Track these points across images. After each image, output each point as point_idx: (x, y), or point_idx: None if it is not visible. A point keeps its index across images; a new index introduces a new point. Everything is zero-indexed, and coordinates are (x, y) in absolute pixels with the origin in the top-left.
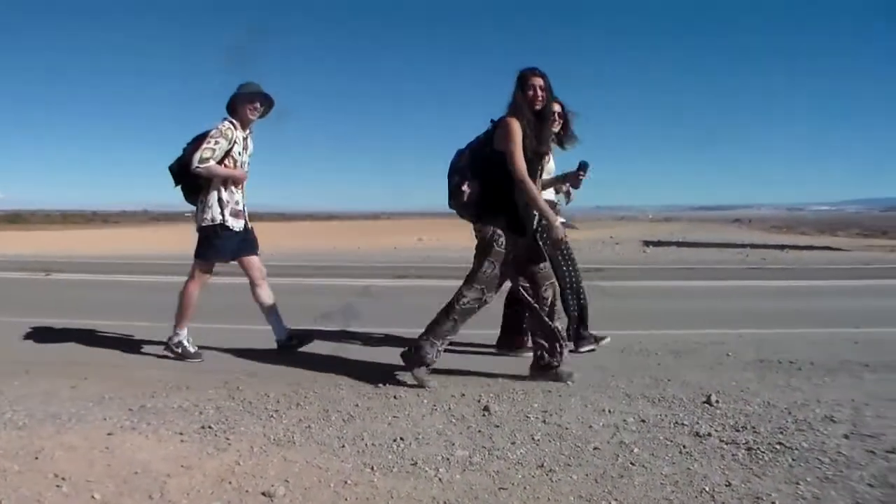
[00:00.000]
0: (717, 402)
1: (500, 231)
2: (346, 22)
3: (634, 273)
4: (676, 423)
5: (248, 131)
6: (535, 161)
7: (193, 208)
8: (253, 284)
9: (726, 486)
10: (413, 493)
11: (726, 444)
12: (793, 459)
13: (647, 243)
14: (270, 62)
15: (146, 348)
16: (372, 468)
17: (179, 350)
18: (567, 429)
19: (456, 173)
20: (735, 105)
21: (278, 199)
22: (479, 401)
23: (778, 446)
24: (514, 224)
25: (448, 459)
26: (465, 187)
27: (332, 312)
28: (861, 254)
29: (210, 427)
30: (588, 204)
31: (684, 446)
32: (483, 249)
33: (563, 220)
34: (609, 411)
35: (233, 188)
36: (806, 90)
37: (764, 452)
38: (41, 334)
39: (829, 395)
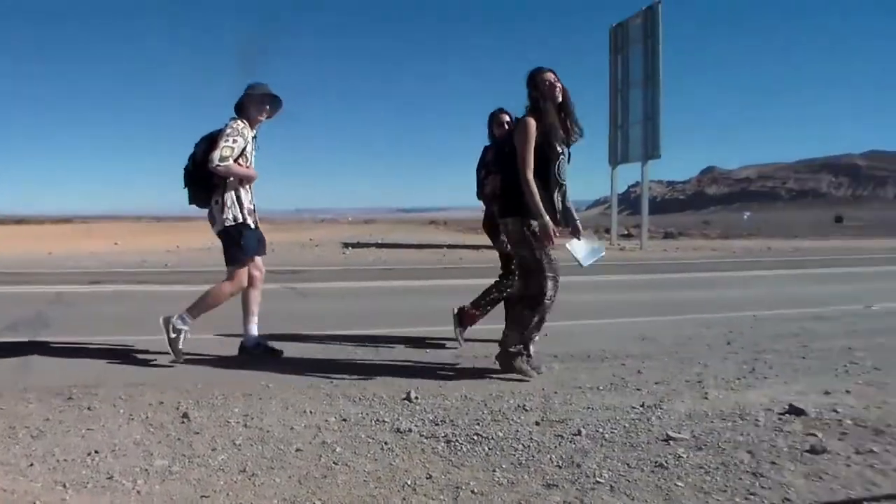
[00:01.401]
0: (416, 398)
1: (530, 222)
2: None
3: (333, 274)
4: (378, 420)
5: (255, 130)
6: (555, 153)
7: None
8: (250, 285)
9: (427, 478)
10: None
11: (426, 437)
12: (489, 448)
13: (346, 245)
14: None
15: None
16: (64, 485)
17: (174, 335)
18: (269, 432)
19: (483, 167)
20: (422, 109)
21: None
22: (177, 408)
23: (475, 437)
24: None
25: (147, 470)
26: (487, 180)
27: (19, 322)
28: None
29: None
30: (288, 207)
31: (386, 443)
32: (522, 243)
33: None
34: (310, 412)
35: (247, 186)
36: (485, 93)
37: (462, 444)
38: None
39: (521, 386)
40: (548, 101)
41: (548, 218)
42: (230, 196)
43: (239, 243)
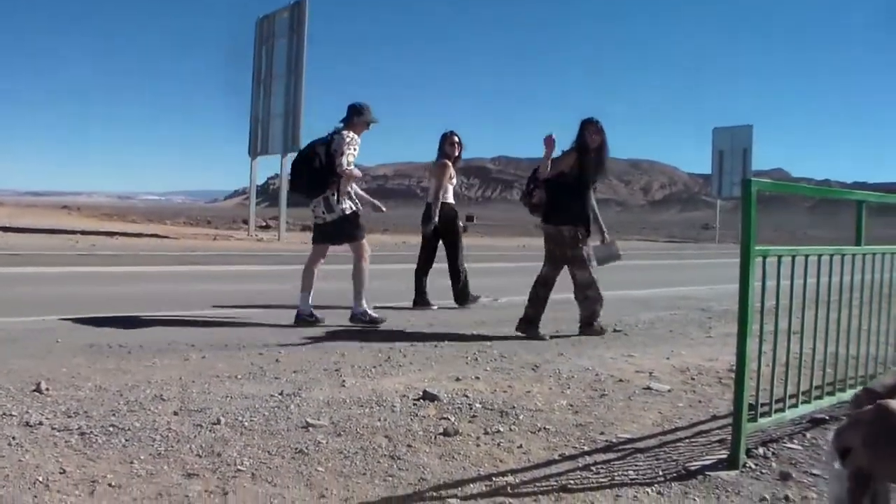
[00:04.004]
0: (47, 389)
1: (579, 228)
2: None
3: None
4: (4, 414)
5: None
6: (591, 181)
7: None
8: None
9: (61, 473)
10: None
11: (59, 431)
12: (126, 440)
13: None
14: None
15: None
16: None
17: (367, 318)
18: None
19: (532, 181)
20: (58, 87)
21: None
22: None
23: (111, 428)
24: (584, 221)
25: None
26: (535, 193)
27: None
28: (187, 241)
29: None
30: None
31: (14, 437)
32: (574, 242)
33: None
34: None
35: (351, 183)
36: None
37: (97, 436)
38: None
39: (158, 375)
40: (588, 144)
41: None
42: (344, 191)
43: (359, 225)
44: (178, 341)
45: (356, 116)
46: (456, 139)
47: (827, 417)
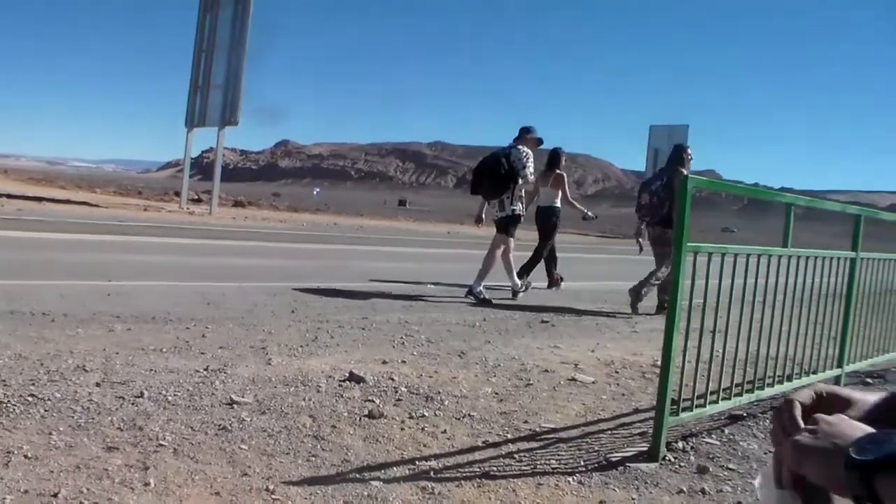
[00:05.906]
0: None
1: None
2: None
3: None
4: None
5: None
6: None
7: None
8: (506, 252)
9: None
10: None
11: None
12: (45, 410)
13: None
14: None
15: None
16: None
17: (482, 297)
18: None
19: (653, 195)
20: None
21: None
22: None
23: (30, 398)
24: None
25: None
26: (665, 208)
27: None
28: (117, 211)
29: None
30: None
31: None
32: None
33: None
34: None
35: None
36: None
37: (15, 405)
38: None
39: (81, 345)
40: (685, 162)
41: None
42: (517, 196)
43: (516, 225)
44: (104, 312)
45: (527, 135)
46: (563, 156)
47: (745, 414)
